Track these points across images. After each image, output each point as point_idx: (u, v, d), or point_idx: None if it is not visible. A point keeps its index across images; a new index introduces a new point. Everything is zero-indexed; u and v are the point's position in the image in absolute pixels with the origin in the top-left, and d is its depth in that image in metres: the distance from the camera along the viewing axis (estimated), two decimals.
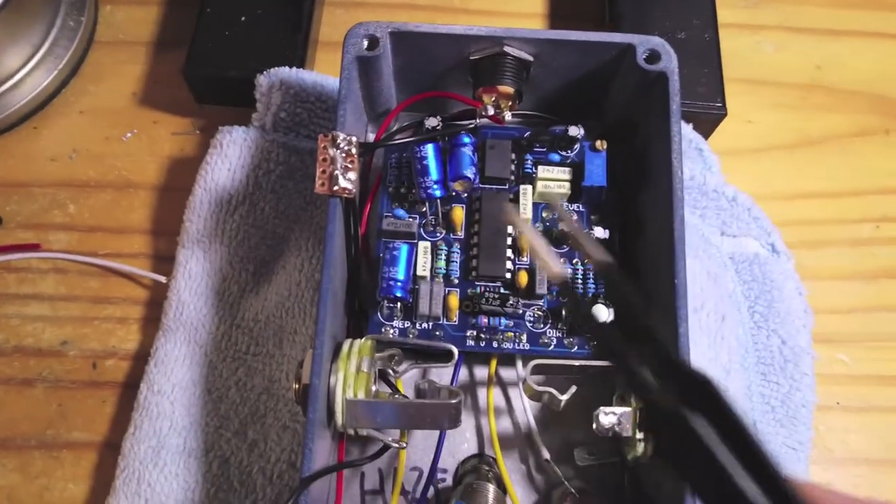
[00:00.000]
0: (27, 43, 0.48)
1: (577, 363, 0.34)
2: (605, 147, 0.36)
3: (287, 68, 0.43)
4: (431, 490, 0.36)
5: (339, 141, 0.33)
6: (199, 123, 0.48)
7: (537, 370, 0.34)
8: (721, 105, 0.44)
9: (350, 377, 0.31)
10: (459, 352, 0.34)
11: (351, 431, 0.32)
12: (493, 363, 0.36)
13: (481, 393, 0.38)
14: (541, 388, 0.33)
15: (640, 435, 0.31)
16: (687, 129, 0.44)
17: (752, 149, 0.49)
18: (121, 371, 0.42)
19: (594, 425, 0.31)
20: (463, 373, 0.38)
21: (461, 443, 0.37)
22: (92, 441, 0.41)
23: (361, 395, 0.31)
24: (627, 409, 0.31)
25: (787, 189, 0.48)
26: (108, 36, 0.51)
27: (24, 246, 0.44)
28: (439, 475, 0.36)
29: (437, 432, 0.35)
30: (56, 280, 0.44)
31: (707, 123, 0.45)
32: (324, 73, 0.44)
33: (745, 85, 0.50)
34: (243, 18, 0.46)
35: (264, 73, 0.43)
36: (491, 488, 0.34)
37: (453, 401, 0.31)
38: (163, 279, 0.42)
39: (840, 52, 0.52)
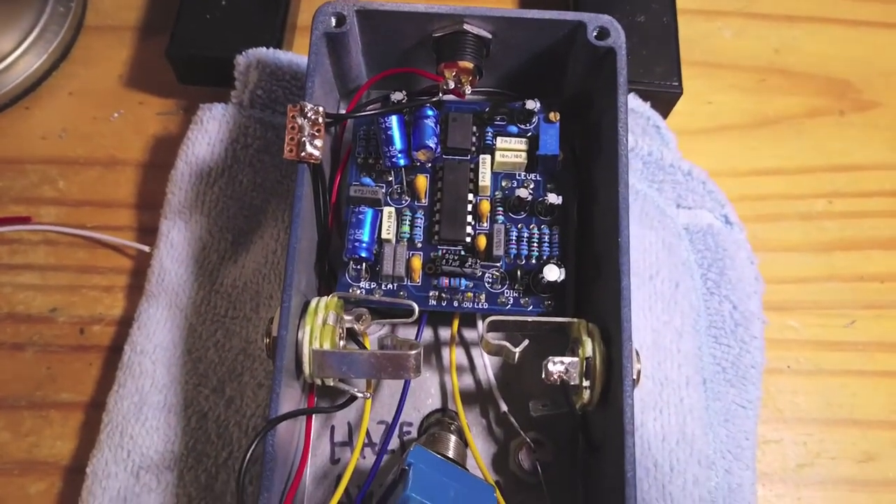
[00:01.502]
0: (19, 27, 0.50)
1: (530, 319, 0.36)
2: (558, 119, 0.39)
3: (264, 48, 0.45)
4: (397, 441, 0.39)
5: (306, 110, 0.35)
6: (182, 104, 0.51)
7: (493, 326, 0.36)
8: (677, 84, 0.47)
9: (317, 330, 0.34)
10: (421, 310, 0.36)
11: (318, 381, 0.34)
12: (455, 322, 0.39)
13: (444, 351, 0.40)
14: (497, 343, 0.35)
15: (586, 383, 0.34)
16: (645, 107, 0.46)
17: (710, 128, 0.52)
18: (107, 336, 0.44)
19: (543, 374, 0.34)
20: (427, 333, 0.40)
21: (426, 398, 0.39)
22: (79, 401, 0.43)
23: (327, 347, 0.34)
24: (575, 359, 0.34)
25: (743, 166, 0.50)
26: (96, 21, 0.53)
27: (15, 219, 0.47)
28: (405, 428, 0.39)
29: (401, 387, 0.37)
30: (46, 251, 0.46)
31: (664, 102, 0.47)
32: (300, 54, 0.47)
33: (704, 68, 0.53)
34: (223, 2, 0.48)
35: (242, 52, 0.45)
36: (452, 438, 0.37)
37: (412, 352, 0.33)
38: (146, 249, 0.45)
39: (796, 37, 0.54)
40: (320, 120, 0.35)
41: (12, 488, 0.41)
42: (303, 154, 0.35)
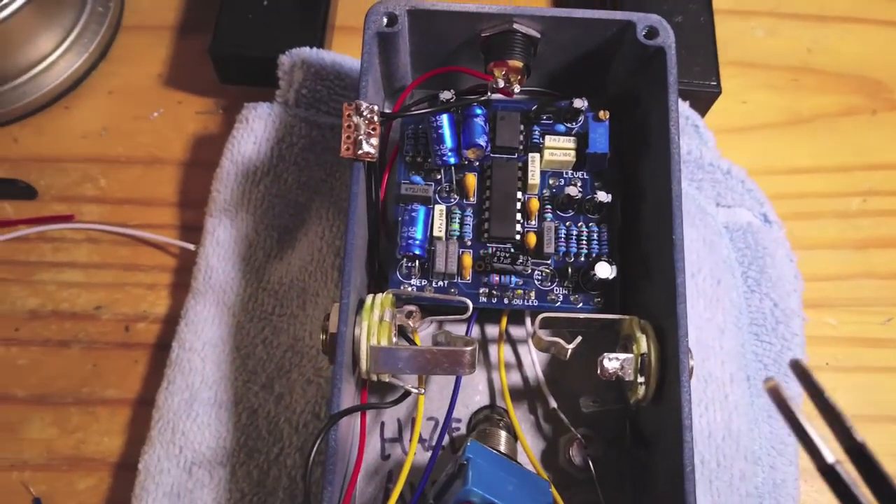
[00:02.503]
0: (59, 27, 0.50)
1: (581, 316, 0.36)
2: (607, 117, 0.39)
3: (308, 48, 0.46)
4: (446, 438, 0.39)
5: (362, 109, 0.35)
6: (221, 103, 0.51)
7: (545, 323, 0.36)
8: (716, 84, 0.47)
9: (374, 326, 0.34)
10: (473, 307, 0.36)
11: (374, 377, 0.35)
12: (504, 319, 0.39)
13: (492, 349, 0.40)
14: (549, 339, 0.36)
15: (641, 379, 0.34)
16: (684, 107, 0.46)
17: (746, 127, 0.52)
18: (151, 333, 0.45)
19: (598, 370, 0.34)
20: (476, 330, 0.40)
21: (474, 395, 0.40)
22: (125, 398, 0.43)
23: (384, 343, 0.34)
24: (629, 356, 0.34)
25: (779, 165, 0.51)
26: (135, 21, 0.53)
27: (58, 217, 0.47)
28: (454, 424, 0.39)
29: (452, 384, 0.37)
30: (89, 249, 0.47)
31: (703, 101, 0.48)
32: (343, 54, 0.47)
33: (738, 67, 0.53)
34: (265, 2, 0.48)
35: (287, 52, 0.46)
36: (503, 434, 0.37)
37: (468, 347, 0.34)
38: (191, 247, 0.45)
39: (829, 37, 0.55)
40: (375, 118, 0.35)
41: (61, 484, 0.41)
42: (360, 152, 0.35)
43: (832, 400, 0.23)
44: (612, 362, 0.34)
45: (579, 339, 0.35)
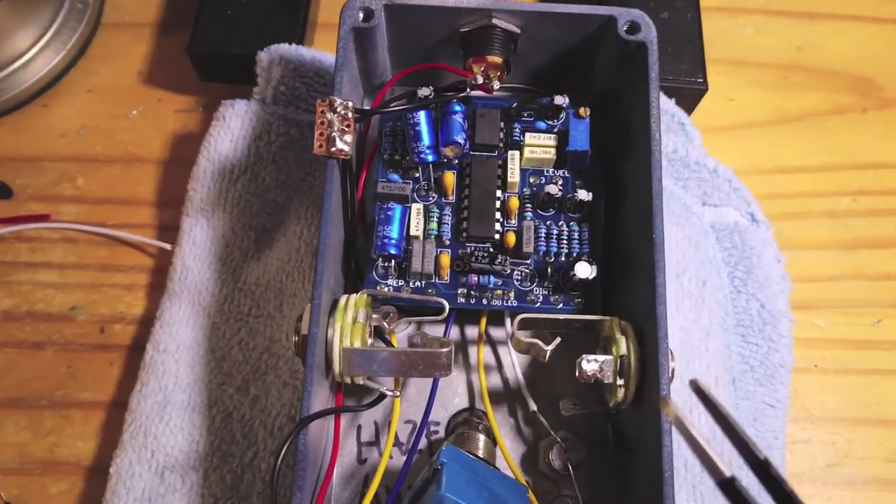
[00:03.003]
0: (37, 24, 0.50)
1: (561, 317, 0.36)
2: (588, 114, 0.38)
3: (287, 45, 0.45)
4: (424, 441, 0.38)
5: (336, 105, 0.35)
6: (202, 101, 0.50)
7: (524, 325, 0.35)
8: (702, 81, 0.46)
9: (347, 327, 0.33)
10: (450, 308, 0.35)
11: (348, 380, 0.34)
12: (483, 320, 0.38)
13: (472, 350, 0.39)
14: (528, 340, 0.35)
15: (620, 381, 0.33)
16: (670, 104, 0.46)
17: (734, 125, 0.51)
18: (127, 335, 0.44)
19: (577, 372, 0.33)
20: (455, 332, 0.40)
21: (453, 397, 0.39)
22: (100, 400, 0.42)
23: (357, 345, 0.33)
24: (608, 357, 0.33)
25: (767, 164, 0.50)
26: (114, 18, 0.53)
27: (34, 217, 0.46)
28: (432, 427, 0.38)
29: (429, 386, 0.36)
30: (66, 249, 0.46)
31: (689, 98, 0.47)
32: (323, 51, 0.46)
33: (727, 65, 0.52)
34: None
35: (265, 49, 0.45)
36: (481, 437, 0.36)
37: (443, 350, 0.33)
38: (168, 247, 0.44)
39: (819, 34, 0.54)
40: (350, 115, 0.35)
41: (34, 488, 0.41)
42: (332, 149, 0.34)
43: (732, 418, 0.23)
44: (590, 364, 0.33)
45: (558, 340, 0.35)
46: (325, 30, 0.52)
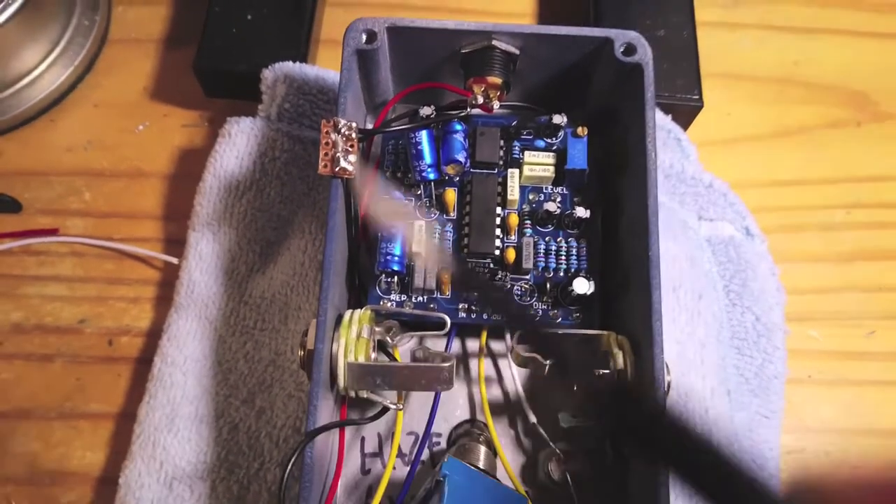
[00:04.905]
0: (45, 40, 0.51)
1: (559, 331, 0.37)
2: (585, 133, 0.39)
3: (291, 63, 0.46)
4: (426, 452, 0.39)
5: (340, 126, 0.35)
6: (207, 116, 0.51)
7: (523, 339, 0.36)
8: (698, 98, 0.47)
9: (351, 343, 0.34)
10: (452, 322, 0.36)
11: (352, 394, 0.35)
12: (484, 335, 0.39)
13: (473, 363, 0.40)
14: (527, 355, 0.36)
15: None
16: (666, 120, 0.46)
17: (730, 139, 0.52)
18: (135, 347, 0.45)
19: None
20: (456, 345, 0.41)
21: (454, 409, 0.40)
22: (108, 412, 0.43)
23: (362, 359, 0.34)
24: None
25: (763, 177, 0.51)
26: (121, 34, 0.54)
27: (43, 231, 0.47)
28: (434, 439, 0.39)
29: (431, 398, 0.37)
30: (73, 262, 0.47)
31: (685, 115, 0.48)
32: (325, 68, 0.47)
33: (724, 80, 0.53)
34: (249, 17, 0.49)
35: (269, 67, 0.46)
36: (482, 449, 0.37)
37: (445, 364, 0.34)
38: (174, 260, 0.45)
39: (816, 49, 0.55)
40: (353, 135, 0.36)
41: (43, 498, 0.42)
42: (337, 169, 0.35)
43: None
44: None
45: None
46: (329, 46, 0.53)
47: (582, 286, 0.37)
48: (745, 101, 0.53)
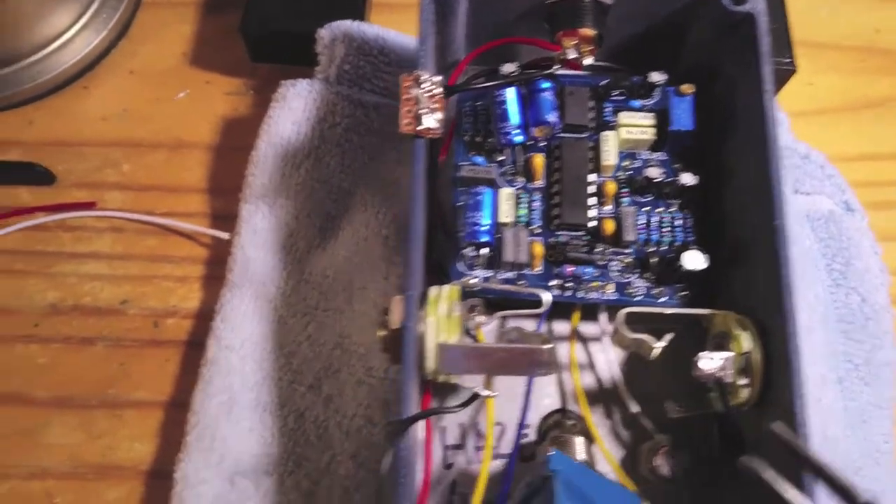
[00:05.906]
0: (75, 2, 0.47)
1: (669, 311, 0.33)
2: (692, 91, 0.35)
3: (349, 21, 0.42)
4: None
5: (422, 80, 0.32)
6: (251, 83, 0.48)
7: (630, 319, 0.33)
8: (790, 61, 0.44)
9: (442, 322, 0.30)
10: (553, 298, 0.33)
11: (441, 378, 0.31)
12: (576, 315, 0.35)
13: (562, 347, 0.36)
14: (633, 336, 0.32)
15: (744, 381, 0.30)
16: None
17: (814, 110, 0.49)
18: (183, 330, 0.41)
19: (693, 371, 0.31)
20: (542, 327, 0.37)
21: (542, 398, 0.36)
22: (156, 400, 0.40)
23: (454, 340, 0.30)
24: (731, 354, 0.31)
25: (851, 151, 0.47)
26: None
27: (80, 204, 0.43)
28: (521, 430, 0.35)
29: (517, 386, 0.34)
30: (113, 238, 0.43)
31: (776, 80, 0.44)
32: (386, 28, 0.43)
33: (802, 48, 0.49)
34: None
35: (326, 26, 0.42)
36: (579, 441, 0.33)
37: (546, 346, 0.30)
38: (225, 236, 0.41)
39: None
40: (437, 91, 0.32)
41: (87, 493, 0.38)
42: (420, 128, 0.31)
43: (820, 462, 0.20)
44: (710, 362, 0.30)
45: (671, 335, 0.32)
46: (381, 9, 0.49)
47: (695, 260, 0.33)
48: (826, 71, 0.50)
